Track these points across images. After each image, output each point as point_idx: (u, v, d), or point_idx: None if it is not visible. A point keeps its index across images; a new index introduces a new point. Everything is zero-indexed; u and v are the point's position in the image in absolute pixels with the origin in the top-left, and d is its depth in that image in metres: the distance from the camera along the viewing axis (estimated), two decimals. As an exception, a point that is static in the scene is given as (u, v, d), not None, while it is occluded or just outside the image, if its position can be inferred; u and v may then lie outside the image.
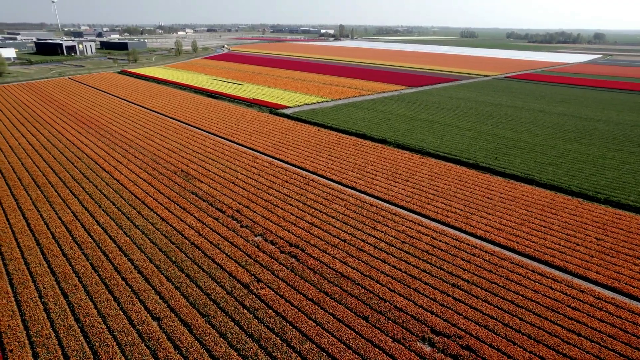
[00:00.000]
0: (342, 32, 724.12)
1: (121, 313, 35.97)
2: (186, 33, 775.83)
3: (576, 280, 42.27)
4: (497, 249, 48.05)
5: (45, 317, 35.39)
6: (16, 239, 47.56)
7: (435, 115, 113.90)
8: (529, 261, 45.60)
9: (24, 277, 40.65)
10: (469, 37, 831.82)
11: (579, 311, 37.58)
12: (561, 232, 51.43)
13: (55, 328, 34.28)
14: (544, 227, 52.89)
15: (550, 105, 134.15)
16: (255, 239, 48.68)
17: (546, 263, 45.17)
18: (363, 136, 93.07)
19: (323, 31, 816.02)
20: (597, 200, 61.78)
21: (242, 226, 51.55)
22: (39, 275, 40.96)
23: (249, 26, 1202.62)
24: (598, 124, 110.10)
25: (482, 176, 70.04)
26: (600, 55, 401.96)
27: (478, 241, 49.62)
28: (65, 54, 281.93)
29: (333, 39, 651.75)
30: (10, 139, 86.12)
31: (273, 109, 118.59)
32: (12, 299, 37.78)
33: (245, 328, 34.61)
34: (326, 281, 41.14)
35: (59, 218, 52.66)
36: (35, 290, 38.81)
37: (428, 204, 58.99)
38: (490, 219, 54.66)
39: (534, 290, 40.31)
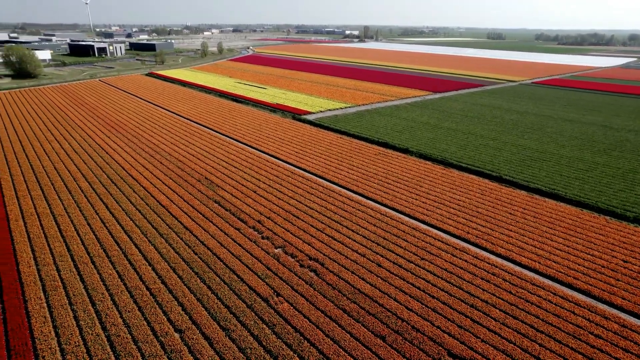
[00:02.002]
0: (367, 33, 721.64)
1: (145, 323, 37.31)
2: (212, 33, 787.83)
3: (600, 306, 41.38)
4: (517, 268, 47.44)
5: (75, 325, 37.04)
6: (49, 245, 49.77)
7: (459, 124, 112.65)
8: (550, 283, 44.88)
9: (55, 283, 42.57)
10: (495, 39, 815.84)
11: (602, 339, 36.84)
12: (586, 253, 50.33)
13: (84, 336, 35.83)
14: (568, 246, 51.87)
15: (578, 114, 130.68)
16: (276, 251, 49.50)
17: (569, 286, 44.35)
18: (385, 145, 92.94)
19: (347, 32, 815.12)
20: (626, 218, 60.06)
21: (262, 237, 52.49)
22: (69, 282, 42.81)
23: (274, 26, 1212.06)
24: (630, 134, 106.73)
25: (505, 190, 69.06)
26: (636, 59, 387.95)
27: (499, 260, 49.11)
28: (96, 55, 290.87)
29: (357, 40, 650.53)
30: (44, 142, 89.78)
31: (296, 115, 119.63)
32: (45, 304, 39.66)
33: (264, 344, 35.39)
34: (344, 298, 41.57)
35: (88, 224, 54.77)
36: (65, 297, 40.60)
37: (449, 218, 58.65)
38: (512, 237, 53.95)
39: (555, 315, 39.71)
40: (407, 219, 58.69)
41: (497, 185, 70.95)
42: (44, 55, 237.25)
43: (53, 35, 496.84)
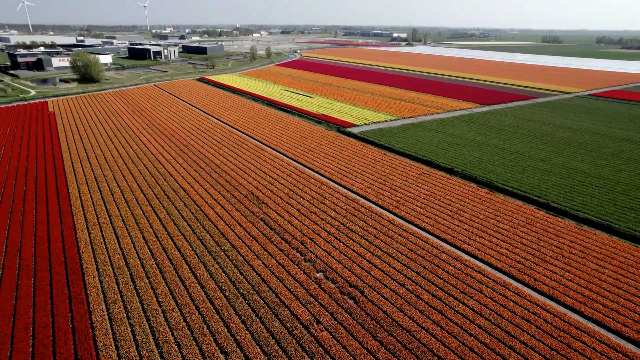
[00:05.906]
0: (415, 37, 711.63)
1: (194, 343, 40.08)
2: (261, 35, 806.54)
3: (649, 358, 39.93)
4: (561, 309, 46.45)
5: (132, 339, 40.39)
6: (109, 256, 54.10)
7: (506, 142, 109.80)
8: (597, 328, 43.66)
9: (115, 296, 46.41)
10: (551, 43, 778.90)
11: (648, 395, 35.70)
12: (638, 297, 48.36)
13: (140, 351, 39.06)
14: (619, 288, 50.00)
15: None
16: (317, 275, 51.17)
17: (617, 333, 42.98)
18: (429, 163, 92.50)
19: (395, 35, 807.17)
20: (684, 258, 56.91)
21: (305, 260, 54.36)
22: (127, 295, 46.53)
23: (321, 28, 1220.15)
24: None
25: (552, 219, 67.13)
26: None
27: (541, 298, 48.23)
28: (152, 58, 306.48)
29: (405, 43, 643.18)
30: (105, 150, 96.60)
31: (341, 127, 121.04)
32: (106, 317, 43.40)
33: (303, 373, 37.11)
34: (382, 329, 42.56)
35: (143, 238, 58.87)
36: (124, 311, 44.24)
37: (491, 249, 58.00)
38: (556, 273, 52.67)
39: (599, 365, 38.77)
40: (448, 247, 58.62)
41: (544, 214, 69.06)
42: (106, 59, 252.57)
43: (114, 38, 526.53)
